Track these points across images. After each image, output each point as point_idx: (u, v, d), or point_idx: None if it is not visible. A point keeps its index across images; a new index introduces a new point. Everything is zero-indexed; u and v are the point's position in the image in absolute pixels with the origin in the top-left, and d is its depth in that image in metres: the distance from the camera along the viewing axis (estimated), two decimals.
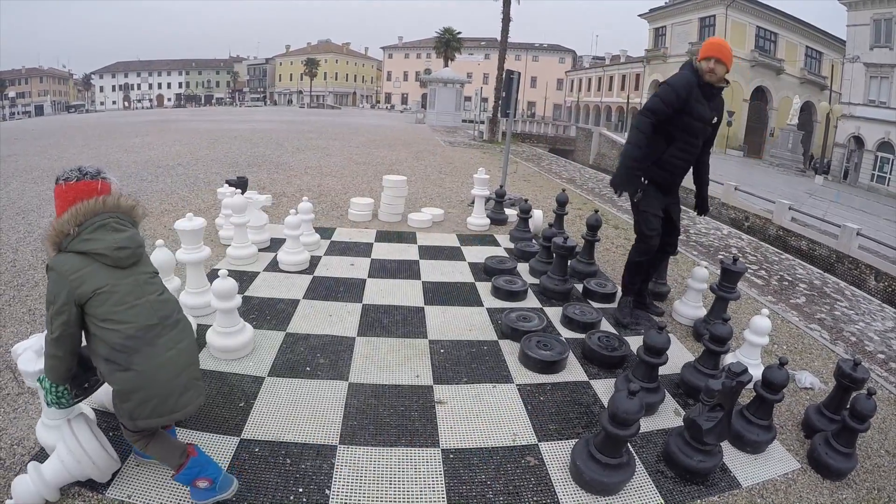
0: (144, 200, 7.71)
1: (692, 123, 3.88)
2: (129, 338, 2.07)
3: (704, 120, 3.91)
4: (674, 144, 4.00)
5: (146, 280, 2.22)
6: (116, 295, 2.08)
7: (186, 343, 2.28)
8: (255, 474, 2.52)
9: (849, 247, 12.67)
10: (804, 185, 25.45)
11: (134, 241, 2.18)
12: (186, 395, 2.21)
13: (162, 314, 2.20)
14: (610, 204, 10.96)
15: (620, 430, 2.47)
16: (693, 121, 3.87)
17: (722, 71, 3.81)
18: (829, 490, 2.81)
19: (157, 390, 2.12)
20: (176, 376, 2.17)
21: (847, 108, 31.13)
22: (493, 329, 4.20)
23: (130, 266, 2.17)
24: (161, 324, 2.17)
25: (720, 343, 3.38)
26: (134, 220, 2.26)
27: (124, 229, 2.16)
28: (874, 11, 29.07)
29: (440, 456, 2.75)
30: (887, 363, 4.85)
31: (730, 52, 3.82)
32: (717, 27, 39.73)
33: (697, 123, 3.89)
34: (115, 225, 2.14)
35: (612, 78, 59.41)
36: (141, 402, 2.09)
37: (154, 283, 2.27)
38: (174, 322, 2.25)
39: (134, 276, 2.17)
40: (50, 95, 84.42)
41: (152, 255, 3.41)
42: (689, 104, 3.82)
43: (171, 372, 2.16)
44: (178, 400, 2.17)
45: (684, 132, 3.93)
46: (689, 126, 3.90)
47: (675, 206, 4.37)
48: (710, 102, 3.92)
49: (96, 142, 16.19)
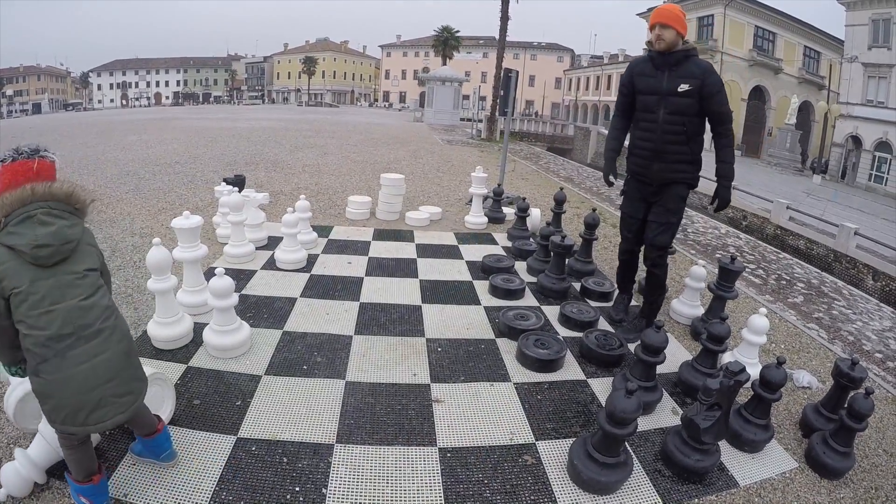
0: (142, 198, 7.70)
1: (642, 99, 3.80)
2: (40, 345, 1.91)
3: (656, 91, 3.72)
4: (637, 126, 3.93)
5: (70, 282, 2.00)
6: (34, 297, 1.91)
7: (108, 355, 2.04)
8: (251, 473, 2.51)
9: (847, 246, 12.68)
10: (802, 185, 25.47)
11: (59, 236, 1.96)
12: (99, 411, 2.00)
13: (80, 323, 1.98)
14: (608, 203, 10.95)
15: (618, 429, 2.46)
16: (643, 96, 3.79)
17: (670, 35, 3.59)
18: (826, 489, 2.81)
19: (66, 401, 1.95)
20: (88, 391, 1.97)
21: (845, 107, 31.20)
22: (490, 327, 4.20)
23: (54, 265, 1.97)
24: (76, 334, 1.96)
25: (718, 342, 3.37)
26: (75, 208, 2.10)
27: (51, 223, 1.96)
28: (873, 11, 29.13)
29: (437, 455, 2.74)
30: (885, 362, 4.84)
31: (671, 14, 3.59)
32: (716, 26, 39.77)
33: (648, 98, 3.76)
34: (43, 217, 1.95)
35: (611, 77, 59.42)
36: (53, 409, 1.96)
37: (80, 284, 2.03)
38: (95, 332, 2.02)
39: (57, 276, 1.97)
40: (48, 93, 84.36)
41: (149, 252, 3.40)
42: (634, 79, 3.80)
43: (82, 386, 1.96)
44: (90, 416, 1.98)
45: (641, 111, 3.85)
46: (642, 103, 3.82)
47: (660, 206, 3.96)
48: (671, 72, 3.66)
49: (93, 140, 16.14)
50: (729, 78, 39.54)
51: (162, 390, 2.77)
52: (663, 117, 3.73)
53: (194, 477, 2.46)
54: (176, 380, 3.16)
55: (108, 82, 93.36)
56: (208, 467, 2.53)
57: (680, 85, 3.61)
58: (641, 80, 3.77)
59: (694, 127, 3.73)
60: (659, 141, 3.78)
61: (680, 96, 3.63)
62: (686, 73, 3.63)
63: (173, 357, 3.42)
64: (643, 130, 3.86)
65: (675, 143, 3.77)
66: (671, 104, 3.68)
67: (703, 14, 41.11)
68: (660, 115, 3.74)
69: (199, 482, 2.43)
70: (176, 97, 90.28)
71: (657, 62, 3.71)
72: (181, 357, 3.43)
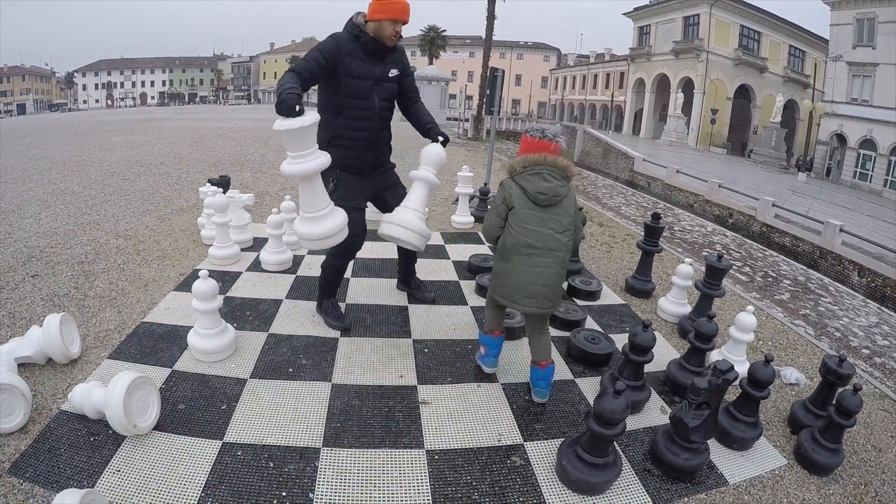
0: (127, 200, 7.62)
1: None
2: (513, 244, 2.97)
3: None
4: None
5: (551, 218, 2.95)
6: (521, 216, 2.95)
7: (551, 270, 2.97)
8: (237, 478, 2.48)
9: (832, 243, 12.79)
10: (787, 182, 25.66)
11: (554, 191, 2.91)
12: (530, 300, 2.97)
13: (547, 245, 2.94)
14: (595, 201, 10.99)
15: (606, 429, 2.45)
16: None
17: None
18: (815, 485, 2.82)
19: (512, 283, 3.00)
20: (529, 284, 2.95)
21: (830, 106, 31.45)
22: (477, 328, 4.18)
23: (545, 207, 2.93)
24: (543, 248, 2.94)
25: (706, 340, 3.37)
26: (566, 175, 2.98)
27: (550, 181, 2.92)
28: (857, 11, 29.37)
29: (425, 457, 2.72)
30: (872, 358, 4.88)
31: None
32: (702, 26, 40.00)
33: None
34: (547, 176, 2.92)
35: (597, 76, 59.63)
36: (502, 284, 3.08)
37: (557, 222, 2.96)
38: (552, 253, 2.96)
39: (545, 213, 2.94)
40: (32, 94, 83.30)
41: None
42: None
43: (527, 279, 2.95)
44: (521, 299, 2.99)
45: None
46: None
47: (391, 188, 4.01)
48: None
49: (78, 140, 15.96)
50: (714, 77, 39.83)
51: (147, 394, 2.72)
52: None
53: (180, 483, 2.42)
54: (160, 384, 3.11)
55: (94, 82, 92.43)
56: (194, 473, 2.49)
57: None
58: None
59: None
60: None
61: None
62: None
63: (157, 361, 3.37)
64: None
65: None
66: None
67: (688, 14, 41.33)
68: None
69: (185, 488, 2.39)
70: (161, 97, 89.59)
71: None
72: (165, 361, 3.38)
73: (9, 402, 2.63)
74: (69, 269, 4.81)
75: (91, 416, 2.71)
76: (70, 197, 7.70)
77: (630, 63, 49.75)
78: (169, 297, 4.31)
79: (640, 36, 48.14)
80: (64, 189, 8.27)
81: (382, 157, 3.96)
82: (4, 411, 2.61)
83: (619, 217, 10.35)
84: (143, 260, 5.14)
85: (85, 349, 3.43)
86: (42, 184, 8.68)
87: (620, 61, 54.05)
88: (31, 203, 7.22)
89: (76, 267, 4.86)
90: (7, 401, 2.62)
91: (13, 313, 3.90)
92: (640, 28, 48.01)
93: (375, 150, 3.82)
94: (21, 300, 4.12)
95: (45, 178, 9.19)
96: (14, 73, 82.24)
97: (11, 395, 2.64)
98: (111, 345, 3.52)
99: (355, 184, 3.74)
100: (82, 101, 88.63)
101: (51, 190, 8.17)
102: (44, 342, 3.14)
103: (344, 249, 3.70)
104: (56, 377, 3.12)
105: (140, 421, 2.63)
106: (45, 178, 9.28)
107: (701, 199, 18.00)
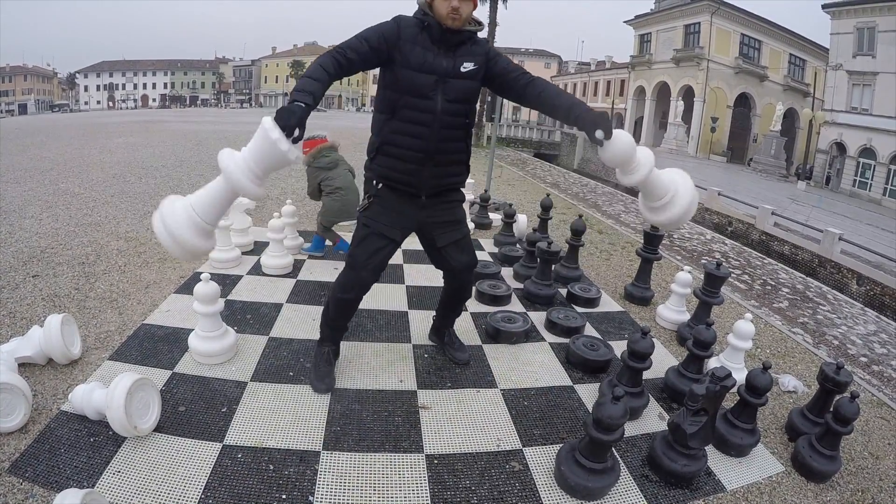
0: (128, 202, 7.64)
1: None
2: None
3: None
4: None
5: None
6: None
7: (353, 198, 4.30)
8: (237, 481, 2.48)
9: (831, 251, 12.81)
10: (787, 191, 25.70)
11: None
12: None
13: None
14: (594, 209, 11.00)
15: (605, 435, 2.46)
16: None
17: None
18: (813, 492, 2.82)
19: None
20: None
21: (830, 114, 31.55)
22: (476, 333, 4.19)
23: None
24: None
25: (704, 348, 3.38)
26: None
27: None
28: (858, 20, 29.51)
29: (424, 461, 2.72)
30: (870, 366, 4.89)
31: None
32: (703, 34, 40.14)
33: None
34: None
35: (598, 83, 59.78)
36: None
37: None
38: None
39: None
40: (34, 94, 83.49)
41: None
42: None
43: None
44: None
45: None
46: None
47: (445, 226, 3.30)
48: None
49: (79, 141, 15.99)
50: (715, 85, 39.93)
51: (148, 396, 2.73)
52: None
53: (180, 484, 2.43)
54: (161, 386, 3.11)
55: (95, 83, 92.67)
56: (194, 475, 2.49)
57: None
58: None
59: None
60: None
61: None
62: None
63: (158, 363, 3.38)
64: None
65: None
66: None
67: (689, 22, 41.51)
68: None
69: (185, 490, 2.40)
70: (163, 99, 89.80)
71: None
72: (166, 363, 3.39)
73: (9, 401, 2.63)
74: (70, 269, 4.82)
75: (91, 416, 2.72)
76: (71, 198, 7.72)
77: (631, 71, 49.89)
78: (170, 300, 4.33)
79: (640, 44, 48.30)
80: (65, 190, 8.29)
81: (448, 181, 3.09)
82: (5, 411, 2.62)
83: (619, 224, 10.37)
84: (144, 262, 5.15)
85: (85, 350, 3.44)
86: (43, 184, 8.70)
87: (621, 69, 54.19)
88: (32, 203, 7.23)
89: (77, 268, 4.87)
90: (7, 400, 2.63)
91: (14, 313, 3.91)
92: (640, 36, 48.18)
93: (437, 167, 2.93)
94: (22, 300, 4.13)
95: (47, 179, 9.21)
96: (16, 73, 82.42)
97: (12, 394, 2.64)
98: (112, 346, 3.53)
99: (395, 207, 3.06)
100: (84, 102, 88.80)
101: (52, 190, 8.20)
102: (45, 342, 3.15)
103: (349, 283, 3.14)
104: (56, 377, 3.13)
105: (141, 422, 2.64)
106: (46, 178, 9.30)
107: (700, 207, 18.02)
